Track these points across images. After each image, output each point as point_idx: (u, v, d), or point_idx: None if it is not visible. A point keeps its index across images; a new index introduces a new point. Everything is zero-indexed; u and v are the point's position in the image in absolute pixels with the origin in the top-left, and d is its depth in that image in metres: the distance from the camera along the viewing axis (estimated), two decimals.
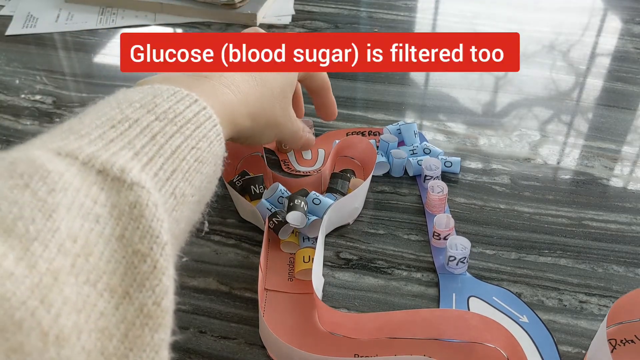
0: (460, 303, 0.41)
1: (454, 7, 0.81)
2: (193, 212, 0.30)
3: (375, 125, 0.58)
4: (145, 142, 0.27)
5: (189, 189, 0.28)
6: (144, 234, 0.24)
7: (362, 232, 0.47)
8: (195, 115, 0.30)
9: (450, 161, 0.52)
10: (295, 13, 0.78)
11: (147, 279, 0.23)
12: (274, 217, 0.44)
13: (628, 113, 0.60)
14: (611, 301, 0.41)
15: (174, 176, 0.27)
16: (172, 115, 0.29)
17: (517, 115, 0.60)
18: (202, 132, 0.30)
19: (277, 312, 0.40)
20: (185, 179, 0.28)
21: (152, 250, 0.24)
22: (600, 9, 0.82)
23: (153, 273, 0.24)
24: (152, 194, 0.25)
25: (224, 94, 0.35)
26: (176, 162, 0.28)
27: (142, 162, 0.26)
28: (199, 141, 0.30)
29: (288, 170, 0.52)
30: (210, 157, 0.31)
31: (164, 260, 0.24)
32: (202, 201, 0.32)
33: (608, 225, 0.47)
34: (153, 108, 0.29)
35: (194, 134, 0.30)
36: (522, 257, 0.44)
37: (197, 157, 0.29)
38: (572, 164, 0.54)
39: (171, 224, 0.26)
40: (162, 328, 0.24)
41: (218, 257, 0.45)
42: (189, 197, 0.28)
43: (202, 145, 0.30)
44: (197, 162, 0.29)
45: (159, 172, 0.26)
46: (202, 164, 0.30)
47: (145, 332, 0.23)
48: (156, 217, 0.24)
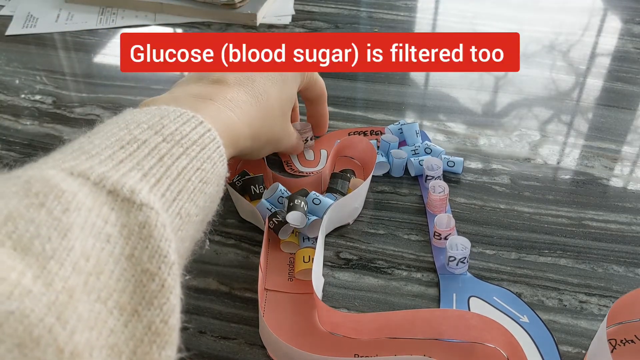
0: (461, 303, 0.41)
1: (454, 7, 0.81)
2: (197, 230, 0.31)
3: (376, 125, 0.58)
4: (154, 164, 0.28)
5: (193, 209, 0.29)
6: (153, 254, 0.24)
7: (362, 232, 0.47)
8: (201, 137, 0.31)
9: (453, 161, 0.52)
10: (295, 13, 0.78)
11: (156, 297, 0.24)
12: (274, 217, 0.44)
13: (628, 113, 0.60)
14: (611, 301, 0.41)
15: (180, 197, 0.28)
16: (179, 137, 0.30)
17: (517, 115, 0.60)
18: (207, 153, 0.31)
19: (277, 312, 0.40)
20: (191, 200, 0.29)
21: (160, 269, 0.24)
22: (600, 9, 0.82)
23: (161, 292, 0.24)
24: (161, 215, 0.25)
25: (228, 117, 0.36)
26: (182, 182, 0.28)
27: (151, 183, 0.27)
28: (204, 162, 0.30)
29: (291, 172, 0.52)
30: (214, 178, 0.32)
31: (171, 279, 0.25)
32: (205, 220, 0.32)
33: (608, 225, 0.47)
34: (160, 129, 0.29)
35: (199, 155, 0.30)
36: (522, 257, 0.44)
37: (202, 178, 0.30)
38: (572, 164, 0.54)
39: (177, 243, 0.27)
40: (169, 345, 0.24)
41: (218, 257, 0.45)
42: (193, 216, 0.29)
43: (207, 166, 0.31)
44: (202, 183, 0.30)
45: (166, 193, 0.27)
46: (206, 184, 0.30)
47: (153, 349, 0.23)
48: (164, 237, 0.25)
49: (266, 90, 0.40)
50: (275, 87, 0.41)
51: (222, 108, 0.36)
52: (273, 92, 0.41)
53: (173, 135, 0.29)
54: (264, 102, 0.39)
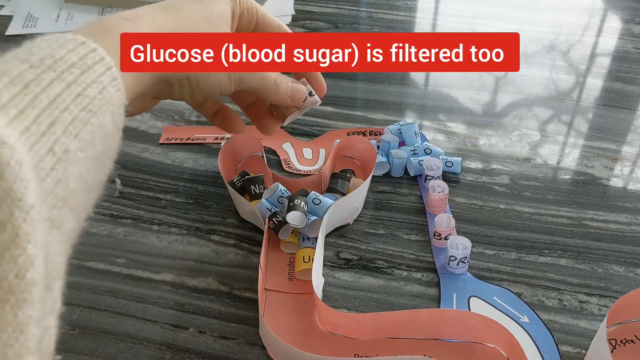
0: (461, 303, 0.41)
1: (454, 7, 0.81)
2: (88, 169, 0.26)
3: (375, 125, 0.58)
4: (15, 93, 0.23)
5: (75, 144, 0.25)
6: (3, 198, 0.21)
7: (362, 232, 0.47)
8: (82, 58, 0.27)
9: (451, 161, 0.52)
10: (295, 13, 0.78)
11: (7, 249, 0.20)
12: (274, 217, 0.44)
13: (628, 113, 0.60)
14: (611, 301, 0.41)
15: (53, 130, 0.24)
16: (51, 61, 0.25)
17: (517, 115, 0.60)
18: (91, 76, 0.26)
19: (277, 312, 0.40)
20: (69, 132, 0.25)
21: (12, 215, 0.21)
22: (600, 9, 0.82)
23: (15, 242, 0.20)
24: (17, 151, 0.22)
25: (126, 29, 0.31)
26: (55, 113, 0.24)
27: (10, 115, 0.23)
28: (87, 87, 0.26)
29: (289, 170, 0.52)
30: (104, 105, 0.27)
31: (28, 226, 0.21)
32: (100, 157, 0.28)
33: (608, 225, 0.47)
34: (28, 57, 0.25)
35: (79, 79, 0.26)
36: (522, 257, 0.44)
37: (85, 105, 0.26)
38: (572, 164, 0.54)
39: (48, 184, 0.23)
40: (28, 303, 0.21)
41: (218, 257, 0.45)
42: (75, 152, 0.25)
43: (91, 91, 0.26)
44: (85, 112, 0.26)
45: (31, 126, 0.23)
46: (91, 113, 0.26)
47: (6, 309, 0.20)
48: (19, 177, 0.21)
49: (179, 7, 0.35)
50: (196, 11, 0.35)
51: (121, 21, 0.31)
52: (192, 11, 0.35)
53: (43, 61, 0.25)
54: (174, 12, 0.34)
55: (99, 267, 0.44)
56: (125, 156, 0.54)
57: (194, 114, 0.60)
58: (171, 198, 0.50)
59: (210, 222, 0.48)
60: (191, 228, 0.47)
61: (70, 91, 0.25)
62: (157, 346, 0.39)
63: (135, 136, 0.57)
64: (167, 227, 0.47)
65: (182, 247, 0.46)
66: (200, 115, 0.59)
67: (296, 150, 0.55)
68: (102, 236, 0.46)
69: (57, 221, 0.23)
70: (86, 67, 0.26)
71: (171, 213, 0.49)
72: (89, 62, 0.27)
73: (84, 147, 0.26)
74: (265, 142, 0.55)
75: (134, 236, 0.47)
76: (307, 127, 0.58)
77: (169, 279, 0.43)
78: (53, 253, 0.23)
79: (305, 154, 0.54)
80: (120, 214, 0.48)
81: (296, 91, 0.40)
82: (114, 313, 0.41)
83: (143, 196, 0.50)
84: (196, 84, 0.34)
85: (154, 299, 0.42)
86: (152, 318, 0.40)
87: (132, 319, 0.40)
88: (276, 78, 0.38)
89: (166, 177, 0.52)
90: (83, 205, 0.27)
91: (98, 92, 0.27)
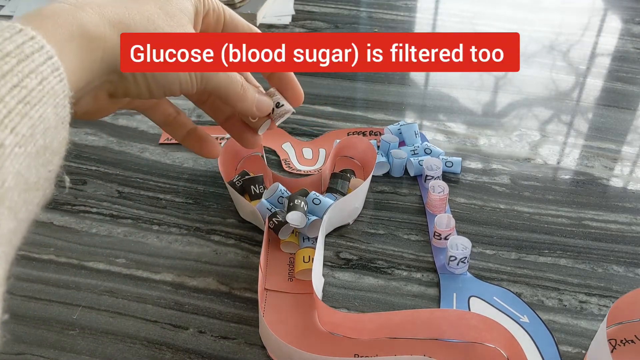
0: (461, 303, 0.41)
1: (454, 7, 0.81)
2: (27, 166, 0.25)
3: (375, 125, 0.58)
4: None
5: (11, 138, 0.23)
6: None
7: (362, 232, 0.47)
8: (18, 47, 0.25)
9: (451, 161, 0.52)
10: (295, 13, 0.78)
11: None
12: (274, 217, 0.44)
13: (628, 113, 0.60)
14: (611, 301, 0.41)
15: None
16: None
17: (517, 115, 0.60)
18: (29, 66, 0.25)
19: (277, 312, 0.40)
20: (5, 126, 0.23)
21: None
22: (600, 9, 0.82)
23: None
24: None
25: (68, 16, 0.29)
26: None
27: None
28: (24, 78, 0.24)
29: (289, 170, 0.52)
30: (45, 97, 0.25)
31: None
32: (42, 153, 0.26)
33: (608, 225, 0.47)
34: None
35: (15, 69, 0.24)
36: (522, 257, 0.44)
37: (22, 97, 0.24)
38: (572, 164, 0.54)
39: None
40: None
41: (218, 257, 0.45)
42: (12, 147, 0.23)
43: (30, 83, 0.25)
44: (23, 104, 0.24)
45: None
46: (30, 105, 0.24)
47: None
48: None
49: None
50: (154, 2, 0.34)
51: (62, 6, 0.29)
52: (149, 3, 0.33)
53: None
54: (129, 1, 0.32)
55: (99, 267, 0.44)
56: (125, 156, 0.54)
57: (194, 114, 0.60)
58: (171, 198, 0.50)
59: (210, 222, 0.48)
60: (191, 228, 0.47)
61: (5, 82, 0.24)
62: (157, 346, 0.39)
63: (135, 136, 0.57)
64: (167, 227, 0.47)
65: (182, 247, 0.46)
66: (200, 115, 0.59)
67: (296, 150, 0.55)
68: (102, 236, 0.46)
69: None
70: (23, 56, 0.25)
71: (171, 213, 0.49)
72: (27, 51, 0.25)
73: (22, 142, 0.24)
74: (265, 142, 0.55)
75: (134, 236, 0.47)
76: (307, 127, 0.58)
77: (169, 279, 0.43)
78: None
79: (305, 154, 0.54)
80: (120, 214, 0.48)
81: (262, 102, 0.38)
82: (114, 313, 0.41)
83: (143, 196, 0.50)
84: (152, 76, 0.32)
85: (154, 299, 0.42)
86: (152, 318, 0.40)
87: (132, 319, 0.40)
88: (243, 82, 0.36)
89: (166, 177, 0.52)
90: (24, 204, 0.25)
91: (37, 83, 0.25)
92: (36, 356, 0.38)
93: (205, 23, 0.37)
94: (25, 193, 0.25)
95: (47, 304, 0.41)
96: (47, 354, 0.38)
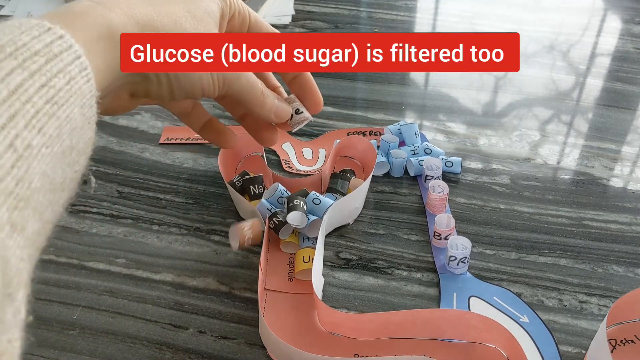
0: (461, 303, 0.41)
1: (454, 7, 0.81)
2: (53, 167, 0.24)
3: (375, 125, 0.58)
4: None
5: (38, 139, 0.23)
6: None
7: (362, 232, 0.47)
8: (47, 45, 0.24)
9: (451, 161, 0.52)
10: (295, 13, 0.78)
11: None
12: (274, 217, 0.44)
13: (628, 113, 0.60)
14: (611, 301, 0.41)
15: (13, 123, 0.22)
16: (12, 49, 0.23)
17: (517, 115, 0.60)
18: (57, 66, 0.24)
19: (277, 312, 0.40)
20: (32, 126, 0.23)
21: None
22: (600, 9, 0.82)
23: None
24: None
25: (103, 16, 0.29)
26: (16, 105, 0.22)
27: None
28: (52, 78, 0.24)
29: (289, 170, 0.52)
30: (72, 97, 0.25)
31: None
32: (68, 153, 0.26)
33: (608, 225, 0.47)
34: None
35: (43, 68, 0.24)
36: (522, 257, 0.44)
37: (50, 97, 0.24)
38: (572, 164, 0.54)
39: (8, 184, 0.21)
40: None
41: (218, 257, 0.45)
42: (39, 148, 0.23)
43: (58, 82, 0.24)
44: (50, 104, 0.24)
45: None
46: (57, 105, 0.24)
47: None
48: None
49: None
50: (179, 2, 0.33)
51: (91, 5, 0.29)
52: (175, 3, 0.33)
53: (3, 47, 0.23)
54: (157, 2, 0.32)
55: (99, 267, 0.44)
56: (125, 156, 0.54)
57: None
58: (171, 198, 0.50)
59: (210, 222, 0.48)
60: (191, 228, 0.47)
61: (34, 81, 0.23)
62: (157, 346, 0.39)
63: (135, 136, 0.57)
64: (167, 227, 0.47)
65: (182, 247, 0.46)
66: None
67: (296, 150, 0.55)
68: (102, 236, 0.46)
69: (19, 224, 0.21)
70: (52, 55, 0.24)
71: (171, 213, 0.49)
72: (55, 50, 0.25)
73: (49, 143, 0.24)
74: None
75: (134, 236, 0.47)
76: (307, 127, 0.58)
77: (169, 279, 0.43)
78: (15, 259, 0.21)
79: (305, 154, 0.54)
80: (120, 214, 0.48)
81: (280, 109, 0.38)
82: (114, 313, 0.41)
83: (143, 196, 0.50)
84: (175, 79, 0.32)
85: (154, 299, 0.42)
86: (152, 318, 0.40)
87: (132, 319, 0.40)
88: (263, 89, 0.36)
89: (166, 177, 0.52)
90: (49, 205, 0.24)
91: (65, 83, 0.25)
92: (36, 356, 0.38)
93: (230, 26, 0.37)
94: (51, 194, 0.24)
95: (47, 304, 0.41)
96: (47, 354, 0.38)
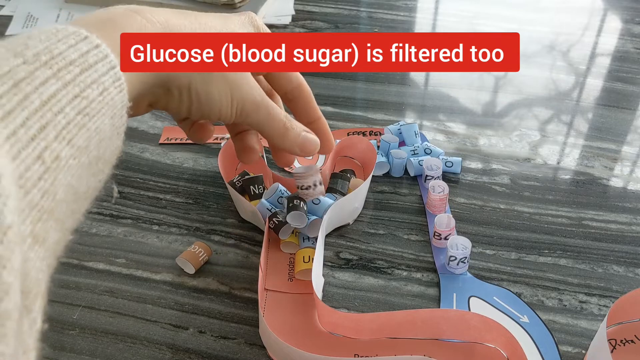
0: (461, 303, 0.41)
1: (454, 7, 0.81)
2: (79, 177, 0.24)
3: (376, 125, 0.58)
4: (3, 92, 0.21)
5: (67, 150, 0.22)
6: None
7: (362, 232, 0.47)
8: (82, 55, 0.24)
9: (451, 161, 0.52)
10: (295, 13, 0.78)
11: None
12: (274, 217, 0.44)
13: (628, 113, 0.60)
14: (611, 301, 0.41)
15: (43, 134, 0.21)
16: (47, 57, 0.23)
17: (517, 115, 0.60)
18: (92, 76, 0.24)
19: (277, 312, 0.40)
20: (62, 138, 0.22)
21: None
22: (600, 9, 0.82)
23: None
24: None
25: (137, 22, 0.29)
26: (47, 115, 0.22)
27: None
28: (86, 88, 0.24)
29: (290, 170, 0.52)
30: (104, 108, 0.25)
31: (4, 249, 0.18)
32: (94, 163, 0.25)
33: (608, 225, 0.47)
34: (22, 51, 0.22)
35: (78, 79, 0.23)
36: (522, 257, 0.44)
37: (82, 108, 0.23)
38: (572, 164, 0.54)
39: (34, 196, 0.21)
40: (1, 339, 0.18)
41: (218, 257, 0.45)
42: (67, 160, 0.22)
43: (91, 93, 0.24)
44: (82, 115, 0.23)
45: (18, 130, 0.20)
46: (88, 117, 0.24)
47: None
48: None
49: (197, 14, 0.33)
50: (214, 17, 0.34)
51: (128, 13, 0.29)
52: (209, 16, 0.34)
53: (38, 56, 0.22)
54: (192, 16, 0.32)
55: (99, 267, 0.44)
56: (125, 156, 0.54)
57: None
58: (171, 198, 0.50)
59: (210, 222, 0.48)
60: (191, 228, 0.47)
61: (67, 92, 0.23)
62: (157, 346, 0.39)
63: (135, 136, 0.57)
64: (167, 227, 0.47)
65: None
66: None
67: None
68: (102, 236, 0.46)
69: (41, 236, 0.21)
70: (87, 65, 0.24)
71: (171, 213, 0.49)
72: (91, 60, 0.24)
73: (77, 154, 0.23)
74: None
75: (134, 236, 0.47)
76: None
77: (169, 279, 0.43)
78: (34, 271, 0.20)
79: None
80: (120, 214, 0.48)
81: (308, 141, 0.37)
82: (114, 313, 0.41)
83: (143, 196, 0.50)
84: (197, 98, 0.32)
85: (154, 299, 0.42)
86: (152, 318, 0.40)
87: (132, 319, 0.40)
88: (286, 122, 0.35)
89: (166, 177, 0.52)
90: (71, 214, 0.24)
91: (98, 94, 0.24)
92: None
93: None
94: (74, 203, 0.24)
95: (47, 303, 0.41)
96: (47, 354, 0.38)
